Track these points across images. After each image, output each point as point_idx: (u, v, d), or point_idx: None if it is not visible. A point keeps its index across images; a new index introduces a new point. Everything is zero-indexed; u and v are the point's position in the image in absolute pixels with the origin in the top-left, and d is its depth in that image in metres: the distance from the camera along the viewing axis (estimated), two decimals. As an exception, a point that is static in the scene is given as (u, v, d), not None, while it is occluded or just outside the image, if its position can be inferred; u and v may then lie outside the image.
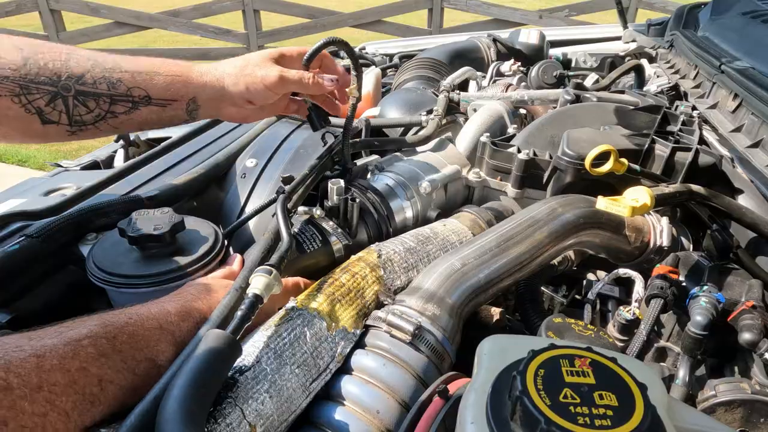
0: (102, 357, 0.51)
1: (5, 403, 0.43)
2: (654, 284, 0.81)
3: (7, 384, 0.43)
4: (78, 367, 0.49)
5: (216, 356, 0.51)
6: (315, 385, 0.61)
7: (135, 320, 0.57)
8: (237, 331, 0.56)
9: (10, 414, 0.43)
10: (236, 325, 0.56)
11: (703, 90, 1.37)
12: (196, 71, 0.85)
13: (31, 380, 0.45)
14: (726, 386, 0.70)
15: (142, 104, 0.81)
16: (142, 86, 0.80)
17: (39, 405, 0.45)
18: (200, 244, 0.77)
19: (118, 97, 0.79)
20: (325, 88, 0.89)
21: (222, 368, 0.53)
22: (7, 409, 0.43)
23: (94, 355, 0.51)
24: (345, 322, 0.67)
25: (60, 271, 0.82)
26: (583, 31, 2.60)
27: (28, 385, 0.45)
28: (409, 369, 0.63)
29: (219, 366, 0.52)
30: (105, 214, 0.85)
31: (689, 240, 0.98)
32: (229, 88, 0.85)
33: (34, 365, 0.46)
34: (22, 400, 0.44)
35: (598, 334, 0.69)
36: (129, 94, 0.80)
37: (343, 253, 0.85)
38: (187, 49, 6.39)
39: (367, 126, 1.17)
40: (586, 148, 0.91)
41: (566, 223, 0.83)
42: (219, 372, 0.52)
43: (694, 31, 1.77)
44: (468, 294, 0.73)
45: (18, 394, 0.44)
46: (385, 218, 0.95)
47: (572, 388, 0.40)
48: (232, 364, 0.55)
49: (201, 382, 0.49)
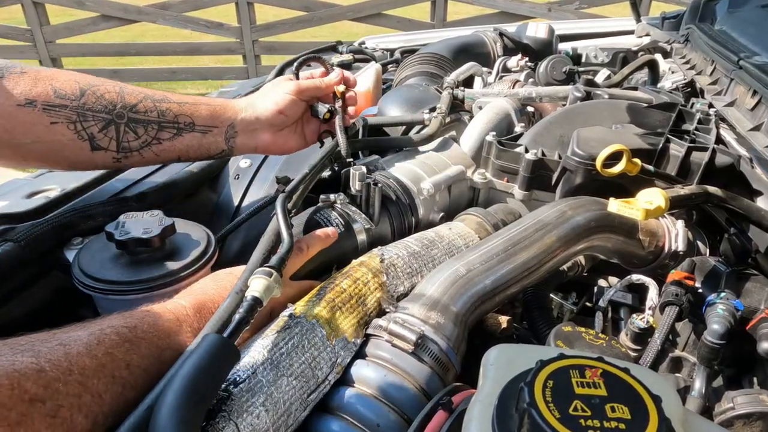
0: (126, 343, 0.55)
1: (41, 382, 0.46)
2: (669, 291, 0.81)
3: (40, 367, 0.47)
4: (104, 352, 0.52)
5: (212, 361, 0.51)
6: (313, 397, 0.62)
7: (153, 312, 0.61)
8: (235, 335, 0.56)
9: (47, 393, 0.46)
10: (234, 329, 0.56)
11: (720, 86, 1.38)
12: (233, 103, 0.98)
13: (61, 364, 0.48)
14: (744, 398, 0.71)
15: (186, 130, 0.93)
16: (187, 113, 0.93)
17: (72, 386, 0.48)
18: (192, 249, 0.78)
19: (166, 123, 0.91)
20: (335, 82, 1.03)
21: (218, 374, 0.53)
22: (44, 389, 0.46)
23: (118, 342, 0.54)
24: (345, 330, 0.67)
25: (44, 277, 0.82)
26: (594, 24, 2.60)
27: (59, 369, 0.48)
28: (411, 380, 0.63)
29: (215, 371, 0.52)
30: (91, 217, 0.86)
31: (706, 244, 0.98)
32: (261, 112, 0.98)
33: (62, 352, 0.50)
34: (56, 382, 0.47)
35: (609, 344, 0.69)
36: (176, 121, 0.92)
37: (366, 240, 0.89)
38: (177, 43, 6.40)
39: (364, 125, 1.18)
40: (597, 147, 0.91)
41: (576, 226, 0.83)
42: (215, 378, 0.52)
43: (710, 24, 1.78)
44: (473, 301, 0.73)
45: (51, 376, 0.47)
46: (408, 208, 0.98)
47: (583, 400, 0.41)
48: (229, 370, 0.55)
49: (196, 389, 0.49)
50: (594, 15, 5.80)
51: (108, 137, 0.87)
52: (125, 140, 0.88)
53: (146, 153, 0.91)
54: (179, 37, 6.81)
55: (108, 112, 0.86)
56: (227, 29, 6.17)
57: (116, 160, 0.90)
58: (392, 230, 0.96)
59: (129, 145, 0.89)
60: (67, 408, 0.47)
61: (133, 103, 0.88)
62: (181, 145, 0.93)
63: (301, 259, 0.79)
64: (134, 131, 0.89)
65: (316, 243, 0.81)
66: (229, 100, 0.98)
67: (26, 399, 0.44)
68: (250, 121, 0.97)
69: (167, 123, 0.91)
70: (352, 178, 0.91)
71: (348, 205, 0.90)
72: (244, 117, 0.97)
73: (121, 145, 0.88)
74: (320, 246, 0.82)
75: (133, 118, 0.88)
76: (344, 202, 0.90)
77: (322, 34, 7.42)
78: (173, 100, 0.92)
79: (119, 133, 0.87)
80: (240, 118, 0.96)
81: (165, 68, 6.45)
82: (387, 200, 0.96)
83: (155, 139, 0.91)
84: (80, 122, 0.84)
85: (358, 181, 0.90)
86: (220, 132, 0.95)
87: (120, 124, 0.87)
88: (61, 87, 0.83)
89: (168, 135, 0.91)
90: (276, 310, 0.70)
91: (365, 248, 0.88)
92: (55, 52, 6.11)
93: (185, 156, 0.95)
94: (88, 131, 0.85)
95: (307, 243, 0.80)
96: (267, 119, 0.97)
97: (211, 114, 0.94)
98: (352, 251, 0.85)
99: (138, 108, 0.88)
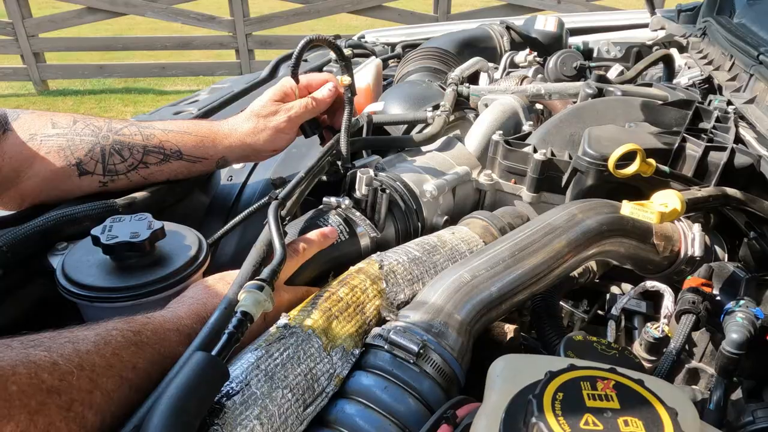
0: (132, 346, 0.58)
1: (56, 375, 0.49)
2: (685, 298, 0.82)
3: (53, 360, 0.50)
4: (111, 352, 0.55)
5: (200, 381, 0.52)
6: (310, 410, 0.62)
7: (154, 321, 0.63)
8: (224, 352, 0.56)
9: (62, 385, 0.49)
10: (223, 346, 0.56)
11: (739, 83, 1.38)
12: (222, 133, 1.01)
13: (72, 359, 0.51)
14: (765, 412, 0.71)
15: (173, 158, 0.98)
16: (173, 141, 0.97)
17: (84, 382, 0.51)
18: (182, 254, 0.78)
19: (151, 148, 0.96)
20: (329, 99, 1.06)
21: (207, 394, 0.53)
22: (59, 381, 0.49)
23: (125, 344, 0.57)
24: (343, 340, 0.67)
25: (27, 285, 0.82)
26: (606, 17, 2.61)
27: (71, 363, 0.51)
28: (413, 392, 0.63)
29: (203, 392, 0.52)
30: (77, 221, 0.86)
31: (724, 249, 0.98)
32: (253, 145, 1.02)
33: (72, 348, 0.53)
34: (69, 375, 0.50)
35: (623, 354, 0.69)
36: (161, 146, 0.96)
37: (369, 246, 0.90)
38: (166, 37, 6.42)
39: (369, 122, 1.18)
40: (609, 147, 0.92)
41: (587, 230, 0.83)
42: (203, 398, 0.52)
43: (729, 17, 1.78)
44: (479, 309, 0.73)
45: (65, 369, 0.50)
46: (414, 212, 0.98)
47: (594, 413, 0.41)
48: (218, 390, 0.56)
49: (183, 410, 0.49)
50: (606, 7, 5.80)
51: (94, 160, 0.92)
52: (111, 163, 0.93)
53: (133, 176, 0.96)
54: (169, 30, 6.83)
55: (94, 135, 0.93)
56: (219, 22, 6.19)
57: (103, 184, 0.94)
58: (397, 235, 0.97)
59: (115, 167, 0.94)
60: (79, 403, 0.50)
61: (119, 127, 0.95)
62: (168, 170, 0.99)
63: (296, 262, 0.79)
64: (119, 153, 0.94)
65: (312, 244, 0.82)
66: (218, 128, 1.02)
67: (44, 389, 0.47)
68: (241, 155, 1.04)
69: (153, 148, 0.96)
70: (358, 181, 0.90)
71: (352, 210, 0.90)
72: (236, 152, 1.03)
73: (108, 168, 0.93)
74: (317, 248, 0.82)
75: (117, 140, 0.94)
76: (348, 206, 0.90)
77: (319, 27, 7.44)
78: (157, 127, 0.98)
79: (104, 155, 0.93)
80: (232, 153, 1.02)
81: (154, 63, 6.48)
82: (392, 204, 0.96)
83: (141, 162, 0.95)
84: (69, 148, 0.91)
85: (365, 186, 0.90)
86: (210, 163, 1.02)
87: (105, 145, 0.93)
88: (58, 120, 0.93)
89: (155, 159, 0.96)
90: (270, 317, 0.70)
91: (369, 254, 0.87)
92: (37, 47, 6.13)
93: (174, 179, 1.01)
94: (75, 155, 0.91)
95: (303, 244, 0.80)
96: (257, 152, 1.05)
97: (198, 145, 0.99)
98: (355, 259, 0.85)
99: (123, 131, 0.95)
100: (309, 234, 0.83)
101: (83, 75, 6.56)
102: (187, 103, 1.60)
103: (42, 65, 6.28)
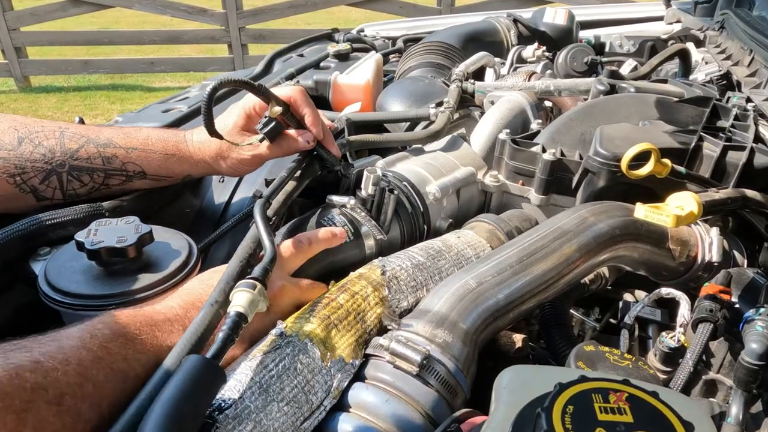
0: (120, 337, 0.59)
1: (39, 372, 0.50)
2: (702, 306, 0.81)
3: (35, 359, 0.51)
4: (99, 345, 0.57)
5: (195, 385, 0.52)
6: (307, 425, 0.62)
7: (143, 312, 0.65)
8: (219, 355, 0.56)
9: (47, 381, 0.50)
10: (218, 349, 0.56)
11: (759, 79, 1.38)
12: (188, 151, 0.98)
13: (56, 356, 0.53)
14: (787, 426, 0.71)
15: (136, 178, 0.96)
16: (136, 162, 0.95)
17: (72, 376, 0.52)
18: (171, 259, 0.78)
19: (113, 171, 0.93)
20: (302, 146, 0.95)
21: (203, 399, 0.53)
22: (43, 377, 0.50)
23: (111, 336, 0.59)
24: (342, 350, 0.67)
25: (8, 292, 0.83)
26: (619, 10, 2.61)
27: (55, 359, 0.52)
28: (415, 405, 0.64)
29: (199, 396, 0.52)
30: (60, 225, 0.86)
31: (743, 254, 0.98)
32: (218, 165, 0.99)
33: (56, 346, 0.54)
34: (54, 371, 0.51)
35: (636, 365, 0.69)
36: (124, 169, 0.94)
37: (374, 248, 0.91)
38: (155, 31, 6.43)
39: (349, 125, 1.17)
40: (622, 147, 0.92)
41: (599, 234, 0.83)
42: (199, 404, 0.53)
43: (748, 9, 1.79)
44: (485, 318, 0.73)
45: (49, 366, 0.51)
46: (421, 215, 0.99)
47: (606, 427, 0.41)
48: (215, 394, 0.56)
49: (178, 416, 0.49)
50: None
51: (51, 188, 0.90)
52: (70, 188, 0.92)
53: (96, 196, 0.94)
54: (157, 24, 6.85)
55: (47, 162, 0.89)
56: (211, 15, 6.20)
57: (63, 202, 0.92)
58: (402, 238, 0.97)
59: (76, 192, 0.92)
60: (71, 396, 0.51)
61: (74, 149, 0.91)
62: (132, 189, 0.97)
63: (302, 256, 0.80)
64: (78, 179, 0.92)
65: (320, 241, 0.82)
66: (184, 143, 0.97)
67: (27, 387, 0.48)
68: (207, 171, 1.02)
69: (114, 170, 0.93)
70: (365, 180, 0.91)
71: (358, 210, 0.91)
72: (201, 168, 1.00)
73: (67, 193, 0.92)
74: (325, 245, 0.83)
75: (75, 166, 0.91)
76: (354, 206, 0.90)
77: (316, 20, 7.45)
78: (119, 145, 0.94)
79: (62, 182, 0.91)
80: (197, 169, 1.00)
81: (142, 59, 6.48)
82: (399, 205, 0.96)
83: (103, 185, 0.94)
84: (19, 175, 0.87)
85: (372, 185, 0.90)
86: (175, 180, 1.01)
87: (62, 173, 0.90)
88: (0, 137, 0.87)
89: (117, 181, 0.95)
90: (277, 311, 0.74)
91: (374, 256, 0.88)
92: (19, 41, 6.14)
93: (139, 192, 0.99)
94: (29, 183, 0.88)
95: (309, 239, 0.81)
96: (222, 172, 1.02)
97: (162, 165, 0.96)
98: (359, 262, 0.86)
99: (79, 155, 0.91)
100: (317, 230, 0.84)
101: (67, 71, 6.57)
102: (176, 100, 1.61)
103: (24, 60, 6.30)
